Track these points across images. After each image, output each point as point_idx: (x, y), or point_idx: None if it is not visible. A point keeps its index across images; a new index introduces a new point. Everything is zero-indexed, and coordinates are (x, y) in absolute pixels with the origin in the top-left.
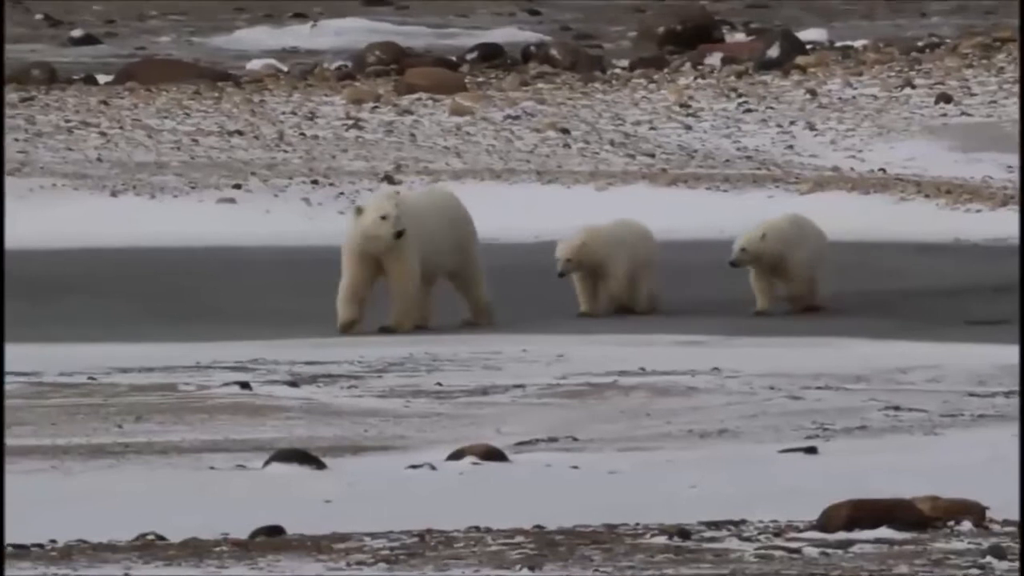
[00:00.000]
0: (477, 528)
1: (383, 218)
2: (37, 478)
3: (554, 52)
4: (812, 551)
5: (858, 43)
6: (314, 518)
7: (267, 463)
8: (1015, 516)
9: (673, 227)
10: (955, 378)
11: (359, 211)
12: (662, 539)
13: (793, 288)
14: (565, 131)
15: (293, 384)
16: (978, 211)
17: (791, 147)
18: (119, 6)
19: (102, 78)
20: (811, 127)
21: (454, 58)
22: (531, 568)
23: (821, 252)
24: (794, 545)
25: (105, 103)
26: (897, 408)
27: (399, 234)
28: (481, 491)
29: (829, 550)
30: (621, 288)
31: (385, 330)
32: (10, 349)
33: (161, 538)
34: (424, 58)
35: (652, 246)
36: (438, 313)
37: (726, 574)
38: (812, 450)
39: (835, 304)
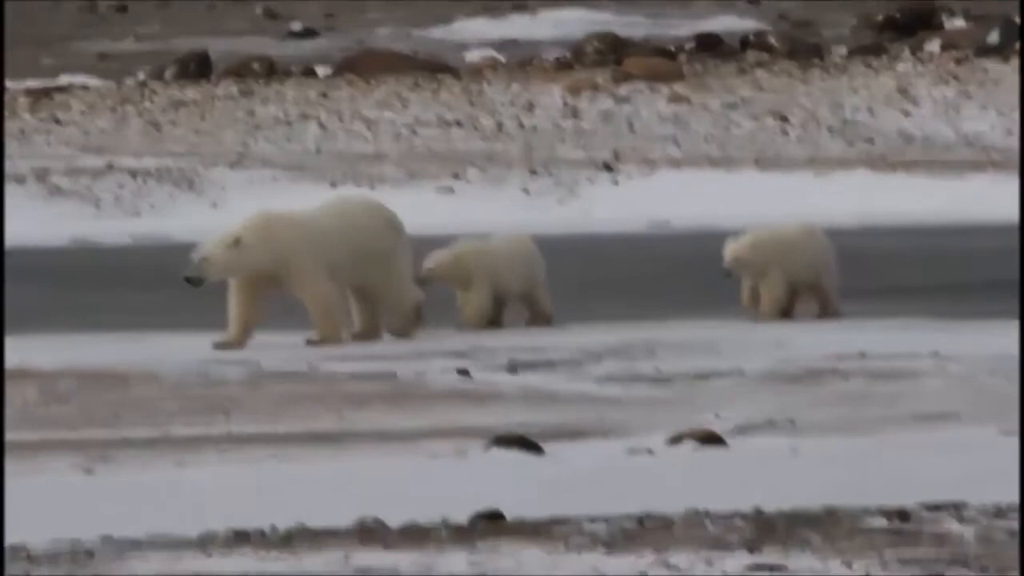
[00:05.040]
0: (696, 511)
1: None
2: (258, 465)
3: (772, 40)
4: None
5: None
6: (533, 503)
7: (486, 448)
8: None
9: (891, 212)
10: None
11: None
12: (882, 521)
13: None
14: (783, 118)
15: (512, 370)
16: None
17: (1011, 132)
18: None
19: (321, 70)
20: None
21: (672, 47)
22: (750, 551)
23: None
24: (1015, 527)
25: (324, 95)
26: None
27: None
28: (699, 475)
29: None
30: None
31: (312, 343)
32: None
33: (381, 523)
34: (642, 47)
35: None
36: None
37: (945, 556)
38: None
39: None
